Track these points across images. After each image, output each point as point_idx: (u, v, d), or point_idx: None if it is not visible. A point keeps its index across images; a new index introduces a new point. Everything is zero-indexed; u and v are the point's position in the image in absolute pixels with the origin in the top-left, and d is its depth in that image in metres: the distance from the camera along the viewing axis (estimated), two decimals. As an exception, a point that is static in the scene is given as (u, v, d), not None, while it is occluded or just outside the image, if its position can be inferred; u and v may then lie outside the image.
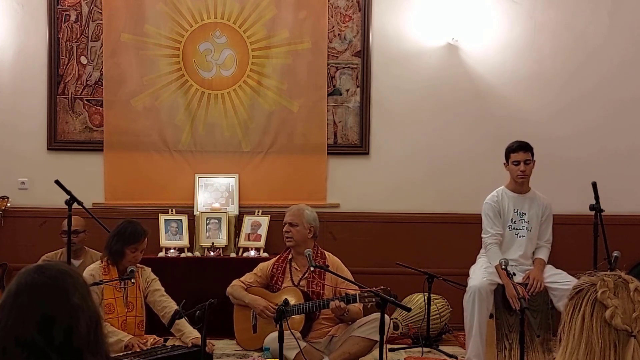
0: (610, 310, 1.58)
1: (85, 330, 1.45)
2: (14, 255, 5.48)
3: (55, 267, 1.53)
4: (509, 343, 4.52)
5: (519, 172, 4.62)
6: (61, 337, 1.42)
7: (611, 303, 1.59)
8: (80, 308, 1.46)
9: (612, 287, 1.62)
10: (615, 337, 1.57)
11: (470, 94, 5.77)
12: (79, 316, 1.45)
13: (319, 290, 4.42)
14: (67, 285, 1.49)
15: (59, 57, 5.70)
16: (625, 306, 1.59)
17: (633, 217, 5.73)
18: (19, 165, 5.72)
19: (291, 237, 4.53)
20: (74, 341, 1.43)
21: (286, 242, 4.58)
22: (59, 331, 1.42)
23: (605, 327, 1.58)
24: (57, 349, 1.41)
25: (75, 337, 1.43)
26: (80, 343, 1.44)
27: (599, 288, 1.62)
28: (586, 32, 5.78)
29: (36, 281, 1.48)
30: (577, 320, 1.62)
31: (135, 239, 4.16)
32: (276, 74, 5.76)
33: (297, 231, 4.51)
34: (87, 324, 1.46)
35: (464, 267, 4.87)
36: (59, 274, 1.50)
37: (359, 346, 4.20)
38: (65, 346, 1.42)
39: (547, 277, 4.55)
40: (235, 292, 4.55)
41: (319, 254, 4.53)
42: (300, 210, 4.61)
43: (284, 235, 4.57)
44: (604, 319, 1.58)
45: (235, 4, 5.73)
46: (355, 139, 5.77)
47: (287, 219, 4.59)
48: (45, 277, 1.49)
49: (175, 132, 5.76)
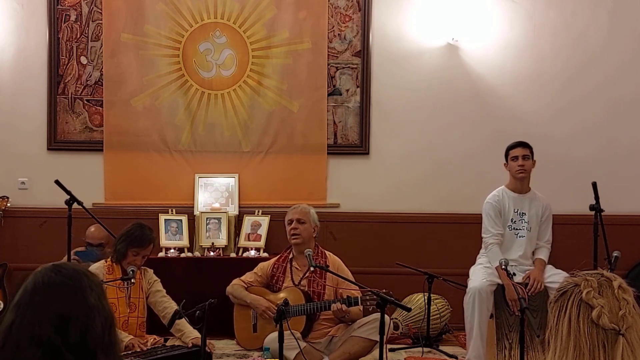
0: (597, 311, 1.57)
1: (100, 331, 1.45)
2: (14, 255, 5.48)
3: (72, 267, 1.53)
4: (509, 343, 4.53)
5: (518, 167, 4.63)
6: (77, 336, 1.42)
7: (597, 303, 1.58)
8: (96, 308, 1.47)
9: (596, 287, 1.61)
10: (603, 337, 1.57)
11: (470, 94, 5.77)
12: (94, 316, 1.45)
13: (320, 290, 4.42)
14: (84, 285, 1.49)
15: (59, 57, 5.69)
16: (611, 305, 1.59)
17: (633, 217, 5.73)
18: (19, 165, 5.72)
19: (299, 234, 4.49)
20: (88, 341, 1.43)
21: (292, 240, 4.53)
22: (74, 330, 1.42)
23: (593, 328, 1.58)
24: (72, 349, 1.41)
25: (90, 337, 1.44)
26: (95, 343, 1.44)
27: (583, 288, 1.62)
28: (586, 32, 5.78)
29: (53, 280, 1.48)
30: (563, 322, 1.61)
31: (140, 244, 4.18)
32: (276, 74, 5.76)
33: (304, 228, 4.50)
34: (102, 324, 1.46)
35: (464, 267, 4.87)
36: (76, 274, 1.50)
37: (359, 346, 4.20)
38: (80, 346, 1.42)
39: (547, 277, 4.55)
40: (235, 292, 4.55)
41: (320, 254, 4.53)
42: (306, 208, 4.63)
43: (290, 233, 4.52)
44: (591, 319, 1.58)
45: (235, 4, 5.73)
46: (355, 139, 5.77)
47: (294, 216, 4.55)
48: (62, 276, 1.49)
49: (175, 132, 5.76)
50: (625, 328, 1.57)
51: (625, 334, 1.56)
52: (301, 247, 4.48)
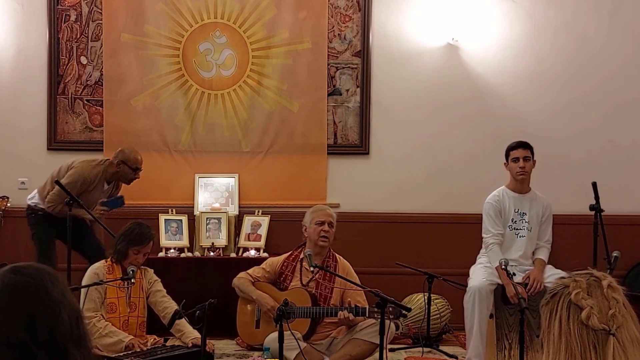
0: (586, 312, 1.57)
1: (68, 325, 1.46)
2: (14, 255, 5.47)
3: (32, 266, 1.54)
4: (509, 343, 4.53)
5: (519, 169, 4.62)
6: (45, 333, 1.43)
7: (586, 304, 1.58)
8: (60, 303, 1.47)
9: (585, 287, 1.61)
10: (594, 338, 1.57)
11: (470, 94, 5.77)
12: (60, 311, 1.46)
13: (327, 293, 4.40)
14: (45, 281, 1.49)
15: (59, 57, 5.69)
16: (601, 305, 1.58)
17: (633, 217, 5.73)
18: (19, 165, 5.72)
19: (328, 238, 4.47)
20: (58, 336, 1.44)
21: (321, 242, 4.45)
22: (42, 327, 1.43)
23: (583, 329, 1.57)
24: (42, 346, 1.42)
25: (59, 332, 1.44)
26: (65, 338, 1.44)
27: (572, 290, 1.61)
28: (586, 32, 5.78)
29: (14, 281, 1.49)
30: (554, 324, 1.61)
31: (140, 242, 4.17)
32: (276, 74, 5.76)
33: (332, 233, 4.50)
34: (69, 318, 1.47)
35: (464, 267, 4.87)
36: (36, 272, 1.51)
37: (360, 349, 4.20)
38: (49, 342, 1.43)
39: (547, 277, 4.55)
40: (242, 286, 4.53)
41: (331, 257, 4.52)
42: (334, 212, 4.61)
43: (320, 234, 4.44)
44: (581, 320, 1.57)
45: (235, 4, 5.73)
46: (355, 139, 5.77)
47: (327, 218, 4.49)
48: (22, 275, 1.50)
49: (175, 132, 5.76)
50: (615, 328, 1.56)
51: (616, 333, 1.56)
52: (324, 250, 4.47)
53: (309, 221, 4.53)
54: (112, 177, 5.14)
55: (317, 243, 4.46)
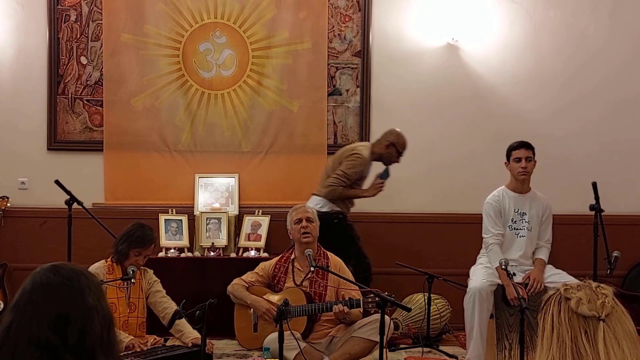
0: (575, 300, 1.61)
1: (99, 331, 1.45)
2: (14, 255, 5.48)
3: (70, 267, 1.53)
4: (509, 343, 4.53)
5: (520, 169, 4.62)
6: (75, 337, 1.42)
7: (575, 295, 1.63)
8: (94, 308, 1.47)
9: (575, 286, 1.67)
10: (584, 325, 1.60)
11: (470, 94, 5.77)
12: (93, 317, 1.45)
13: (322, 291, 4.40)
14: (82, 285, 1.49)
15: (59, 57, 5.69)
16: (590, 297, 1.63)
17: (633, 217, 5.74)
18: (19, 165, 5.72)
19: (310, 233, 4.42)
20: (87, 341, 1.43)
21: (303, 239, 4.41)
22: (73, 331, 1.42)
23: (573, 316, 1.61)
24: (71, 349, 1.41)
25: (89, 338, 1.44)
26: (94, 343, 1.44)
27: (562, 287, 1.68)
28: (586, 32, 5.79)
29: (51, 280, 1.48)
30: (547, 321, 1.66)
31: (141, 244, 4.17)
32: (276, 74, 5.76)
33: (313, 227, 4.46)
34: (101, 325, 1.46)
35: (464, 267, 4.87)
36: (74, 274, 1.50)
37: (359, 347, 4.19)
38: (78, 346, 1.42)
39: (547, 277, 4.55)
40: (236, 292, 4.54)
41: (322, 254, 4.52)
42: (311, 207, 4.62)
43: (301, 231, 4.41)
44: (570, 308, 1.62)
45: (235, 4, 5.74)
46: (355, 139, 5.77)
47: (303, 215, 4.46)
48: (60, 276, 1.49)
49: (175, 132, 5.76)
50: (605, 314, 1.59)
51: (606, 320, 1.59)
52: (311, 245, 4.42)
53: (289, 223, 4.53)
54: (377, 157, 5.25)
55: (300, 241, 4.44)
